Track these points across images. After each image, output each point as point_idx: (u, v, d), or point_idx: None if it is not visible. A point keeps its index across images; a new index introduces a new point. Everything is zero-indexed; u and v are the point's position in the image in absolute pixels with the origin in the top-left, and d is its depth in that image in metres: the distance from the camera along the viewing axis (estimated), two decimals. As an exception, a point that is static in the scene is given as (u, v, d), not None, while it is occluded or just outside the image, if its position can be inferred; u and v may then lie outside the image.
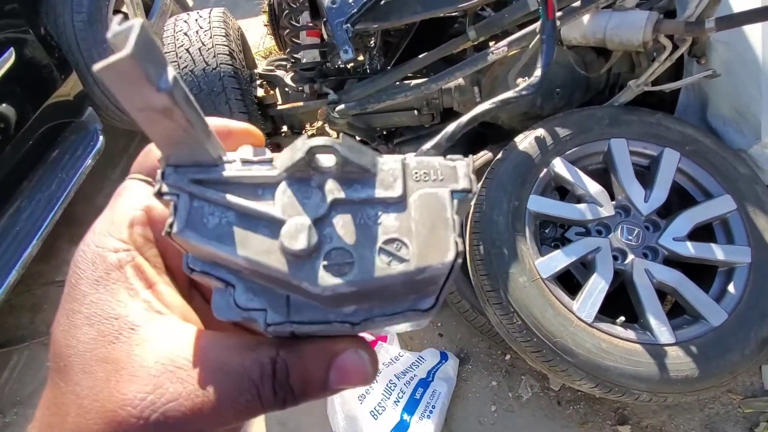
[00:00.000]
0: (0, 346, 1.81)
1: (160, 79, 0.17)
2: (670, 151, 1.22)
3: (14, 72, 1.66)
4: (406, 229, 0.20)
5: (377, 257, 0.20)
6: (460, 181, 0.21)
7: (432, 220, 0.20)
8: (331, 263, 0.19)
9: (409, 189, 0.21)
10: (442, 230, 0.20)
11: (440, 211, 0.20)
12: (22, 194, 1.75)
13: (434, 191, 0.21)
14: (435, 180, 0.21)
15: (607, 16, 1.16)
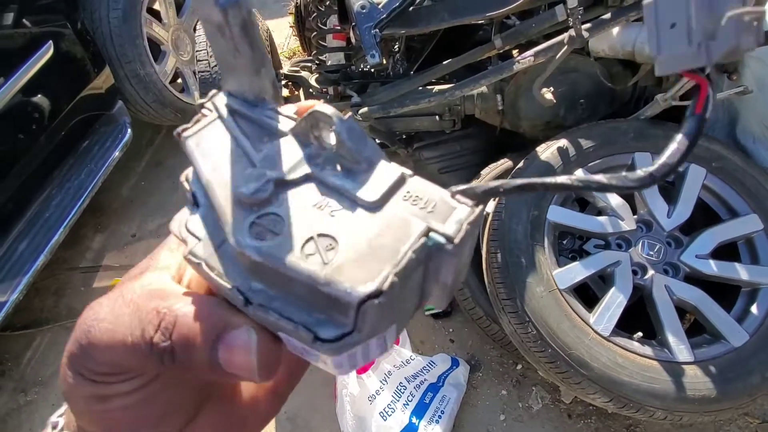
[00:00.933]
0: (24, 327, 1.87)
1: None
2: (695, 167, 1.21)
3: (51, 64, 1.73)
4: (351, 235, 0.17)
5: (302, 244, 0.17)
6: (447, 225, 0.18)
7: (382, 244, 0.17)
8: (260, 224, 0.18)
9: (390, 203, 0.18)
10: (383, 259, 0.17)
11: (399, 239, 0.17)
12: (53, 182, 1.81)
13: (409, 218, 0.18)
14: (422, 209, 0.18)
15: (637, 29, 1.15)
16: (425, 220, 0.18)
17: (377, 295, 0.16)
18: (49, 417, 0.24)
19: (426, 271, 0.18)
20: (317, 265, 0.17)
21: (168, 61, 2.30)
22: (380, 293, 0.16)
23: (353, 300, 0.16)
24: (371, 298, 0.16)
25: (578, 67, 1.45)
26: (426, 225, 0.18)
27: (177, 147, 2.08)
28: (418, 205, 0.18)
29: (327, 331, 0.17)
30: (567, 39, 1.11)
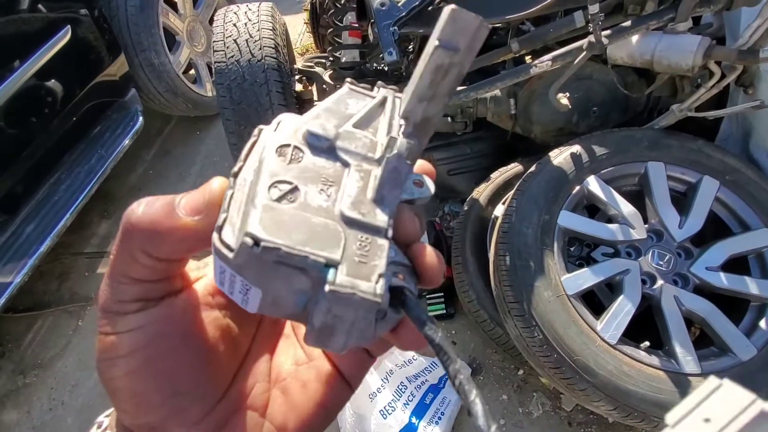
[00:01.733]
0: (26, 309, 1.88)
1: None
2: (709, 179, 1.20)
3: (68, 49, 1.74)
4: (314, 211, 0.19)
5: (269, 190, 0.18)
6: (346, 277, 0.17)
7: (317, 233, 0.18)
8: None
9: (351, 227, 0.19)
10: (299, 237, 0.18)
11: (323, 246, 0.18)
12: (63, 166, 1.82)
13: (342, 238, 0.18)
14: (360, 248, 0.18)
15: (657, 38, 1.15)
16: (345, 255, 0.18)
17: (257, 243, 0.17)
18: (96, 417, 0.25)
19: (310, 293, 0.19)
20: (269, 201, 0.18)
21: (182, 51, 2.31)
22: (258, 242, 0.17)
23: (245, 230, 0.17)
24: (254, 242, 0.17)
25: (593, 74, 1.45)
26: (338, 256, 0.18)
27: (186, 137, 2.08)
28: (363, 246, 0.18)
29: (228, 236, 0.18)
30: (586, 45, 1.11)
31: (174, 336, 0.22)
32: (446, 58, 0.19)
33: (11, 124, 1.59)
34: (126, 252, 0.20)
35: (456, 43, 0.19)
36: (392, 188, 0.20)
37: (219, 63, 1.46)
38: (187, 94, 2.24)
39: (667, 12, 1.10)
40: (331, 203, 0.19)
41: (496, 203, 1.51)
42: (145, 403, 0.22)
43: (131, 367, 0.21)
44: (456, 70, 0.19)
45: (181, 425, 0.22)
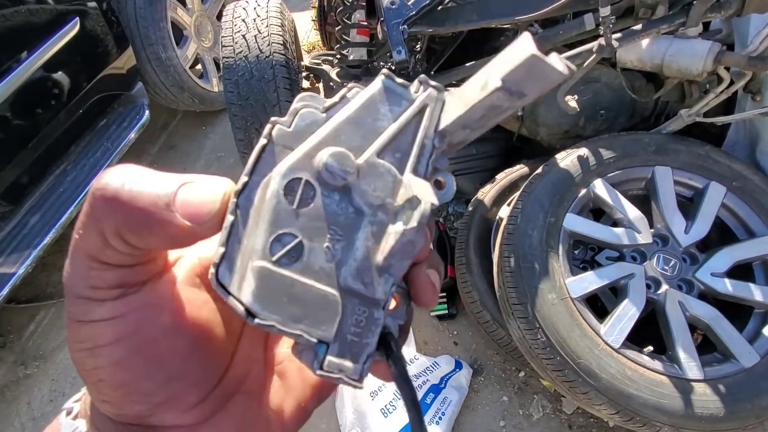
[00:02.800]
0: (29, 300, 1.88)
1: None
2: (716, 184, 1.20)
3: (77, 41, 1.74)
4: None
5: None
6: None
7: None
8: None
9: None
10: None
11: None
12: (69, 158, 1.82)
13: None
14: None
15: (667, 43, 1.15)
16: (339, 333, 0.18)
17: (252, 315, 0.17)
18: (64, 403, 0.23)
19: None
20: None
21: (189, 46, 2.31)
22: (253, 316, 0.17)
23: (240, 297, 0.17)
24: (248, 314, 0.17)
25: (602, 78, 1.45)
26: (332, 335, 0.17)
27: (191, 132, 2.08)
28: (359, 322, 0.18)
29: (224, 278, 0.18)
30: (596, 48, 1.10)
31: (162, 321, 0.20)
32: (506, 101, 0.17)
33: (18, 114, 1.59)
34: (95, 232, 0.17)
35: (522, 90, 0.17)
36: (402, 259, 0.18)
37: (227, 58, 1.46)
38: (193, 88, 2.24)
39: (678, 16, 1.10)
40: (334, 266, 0.18)
41: (500, 204, 1.51)
42: (134, 392, 0.19)
43: (117, 357, 0.19)
44: (506, 113, 0.18)
45: (174, 411, 0.21)
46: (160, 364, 0.20)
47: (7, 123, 1.56)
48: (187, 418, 0.21)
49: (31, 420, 1.57)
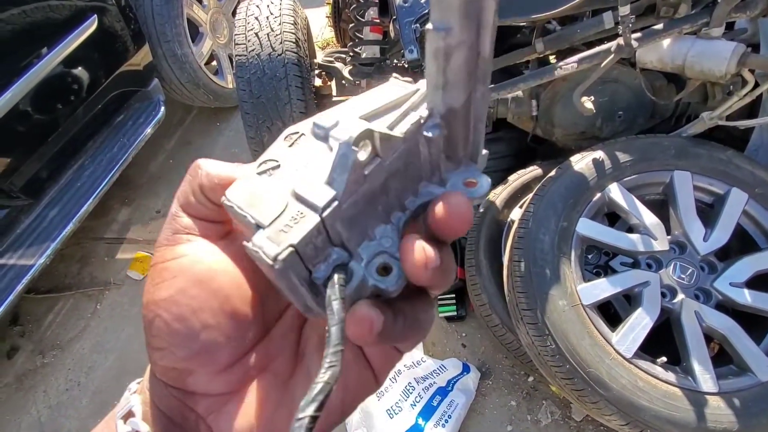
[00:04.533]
0: (47, 291, 1.93)
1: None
2: (737, 191, 1.16)
3: (94, 38, 1.77)
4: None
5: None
6: (272, 245, 0.19)
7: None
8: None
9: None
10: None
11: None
12: (86, 153, 1.86)
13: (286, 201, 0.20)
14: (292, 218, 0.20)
15: (689, 43, 1.11)
16: (275, 222, 0.20)
17: (226, 200, 0.21)
18: (111, 400, 0.26)
19: None
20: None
21: (205, 43, 2.33)
22: (227, 201, 0.21)
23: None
24: (226, 200, 0.21)
25: (620, 78, 1.41)
26: (267, 221, 0.20)
27: (206, 128, 2.10)
28: (294, 219, 0.20)
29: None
30: (615, 47, 1.07)
31: (214, 268, 0.23)
32: (440, 40, 0.18)
33: (38, 110, 1.63)
34: (187, 185, 0.24)
35: (447, 23, 0.17)
36: (339, 173, 0.20)
37: (240, 56, 1.47)
38: (208, 85, 2.26)
39: (701, 16, 1.06)
40: (295, 180, 0.21)
41: (512, 206, 1.49)
42: (181, 331, 0.22)
43: (175, 287, 0.22)
44: (462, 52, 0.18)
45: (207, 369, 0.23)
46: (206, 304, 0.23)
47: (28, 118, 1.60)
48: (218, 385, 0.23)
49: (47, 408, 1.62)
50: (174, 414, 0.24)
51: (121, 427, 0.23)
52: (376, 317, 0.19)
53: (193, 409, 0.24)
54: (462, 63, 0.19)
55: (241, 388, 0.24)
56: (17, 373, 1.73)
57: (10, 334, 1.84)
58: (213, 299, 0.23)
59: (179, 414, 0.24)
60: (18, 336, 1.83)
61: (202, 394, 0.24)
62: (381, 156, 0.20)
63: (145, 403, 0.24)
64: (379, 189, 0.21)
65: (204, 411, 0.24)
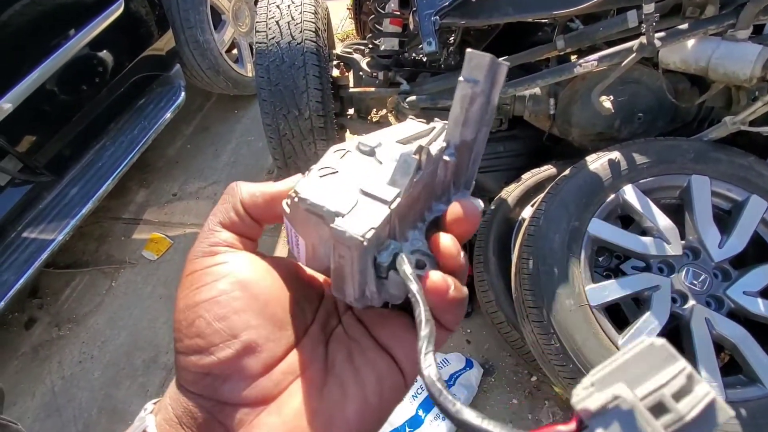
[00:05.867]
0: (66, 266, 2.00)
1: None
2: (757, 198, 1.13)
3: (120, 22, 1.81)
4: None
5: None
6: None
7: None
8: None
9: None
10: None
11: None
12: (108, 134, 1.90)
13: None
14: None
15: (714, 45, 1.08)
16: (351, 212, 0.23)
17: (294, 196, 0.24)
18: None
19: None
20: None
21: (226, 30, 2.36)
22: (296, 195, 0.23)
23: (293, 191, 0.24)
24: (296, 196, 0.24)
25: (641, 79, 1.38)
26: (345, 211, 0.23)
27: (224, 115, 2.13)
28: (368, 209, 0.23)
29: (287, 200, 0.25)
30: (637, 46, 1.05)
31: (254, 275, 0.25)
32: (468, 89, 0.24)
33: (64, 90, 1.67)
34: (226, 203, 0.26)
35: (475, 77, 0.24)
36: (403, 175, 0.24)
37: (260, 44, 1.48)
38: (228, 72, 2.29)
39: (728, 17, 1.03)
40: (358, 182, 0.24)
41: (524, 205, 1.48)
42: (224, 331, 0.23)
43: (218, 289, 0.23)
44: (481, 99, 0.24)
45: (244, 374, 0.23)
46: (247, 306, 0.24)
47: (54, 97, 1.65)
48: (252, 393, 0.23)
49: (60, 378, 1.68)
50: (201, 429, 0.23)
51: None
52: (450, 280, 0.22)
53: (223, 422, 0.23)
54: (479, 108, 0.24)
55: (275, 397, 0.23)
56: (33, 344, 1.79)
57: (29, 305, 1.90)
58: (254, 302, 0.24)
59: (207, 429, 0.23)
60: (36, 308, 1.90)
61: (235, 404, 0.23)
62: (422, 169, 0.24)
63: (167, 420, 0.23)
64: (415, 197, 0.25)
65: (234, 424, 0.23)
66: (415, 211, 0.25)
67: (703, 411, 0.16)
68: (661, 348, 0.17)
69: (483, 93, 0.24)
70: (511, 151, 1.70)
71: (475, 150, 0.26)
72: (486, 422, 0.17)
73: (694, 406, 0.16)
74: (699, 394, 0.16)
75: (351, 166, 0.25)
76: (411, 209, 0.25)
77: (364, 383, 0.24)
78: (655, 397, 0.16)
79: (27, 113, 1.54)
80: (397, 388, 0.25)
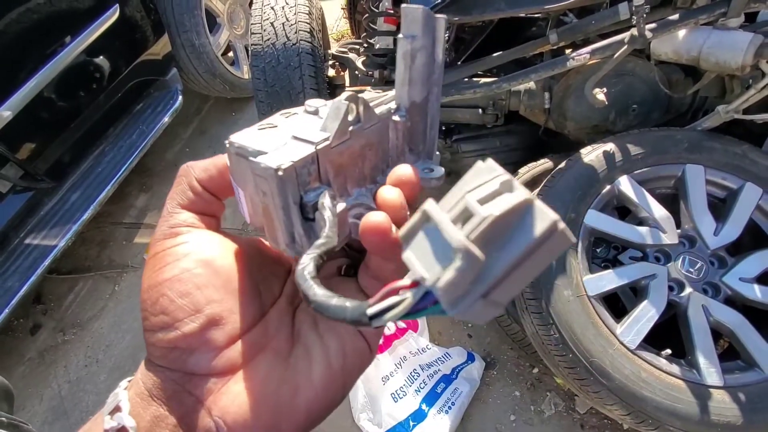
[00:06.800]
0: (69, 272, 2.01)
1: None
2: (752, 186, 1.14)
3: (116, 27, 1.82)
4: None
5: None
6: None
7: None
8: None
9: None
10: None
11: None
12: (107, 139, 1.91)
13: None
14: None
15: (705, 34, 1.09)
16: (274, 150, 0.23)
17: (230, 145, 0.24)
18: (126, 377, 0.26)
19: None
20: None
21: (222, 33, 2.37)
22: (231, 144, 0.24)
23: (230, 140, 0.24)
24: (230, 143, 0.24)
25: (635, 71, 1.39)
26: (268, 150, 0.22)
27: (221, 117, 2.13)
28: (291, 147, 0.23)
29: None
30: (628, 38, 1.06)
31: (215, 251, 0.25)
32: (407, 45, 0.23)
33: (62, 97, 1.69)
34: (182, 184, 0.26)
35: (413, 32, 0.23)
36: (333, 120, 0.23)
37: (255, 45, 1.49)
38: (224, 75, 2.30)
39: (719, 6, 1.04)
40: (289, 133, 0.24)
41: (522, 199, 1.48)
42: (187, 306, 0.23)
43: (179, 268, 0.24)
44: (422, 55, 0.24)
45: (210, 346, 0.23)
46: (211, 281, 0.24)
47: (52, 104, 1.66)
48: (219, 363, 0.23)
49: (66, 383, 1.69)
50: (171, 400, 0.23)
51: (108, 422, 0.23)
52: (386, 220, 0.22)
53: (192, 392, 0.23)
54: (422, 64, 0.24)
55: (242, 366, 0.24)
56: (39, 349, 1.80)
57: (33, 312, 1.92)
58: (216, 277, 0.24)
59: (176, 400, 0.23)
60: (41, 314, 1.91)
61: (203, 374, 0.23)
62: (362, 121, 0.24)
63: (138, 394, 0.24)
64: (358, 153, 0.25)
65: (203, 393, 0.23)
66: (360, 168, 0.25)
67: (513, 213, 0.15)
68: (487, 165, 0.18)
69: (424, 48, 0.23)
70: (507, 146, 1.71)
71: (430, 113, 0.26)
72: (336, 299, 0.18)
73: (501, 207, 0.15)
74: (509, 198, 0.16)
75: (292, 122, 0.25)
76: (354, 165, 0.24)
77: (328, 348, 0.25)
78: (460, 206, 0.16)
79: (26, 120, 1.55)
80: (359, 351, 0.26)
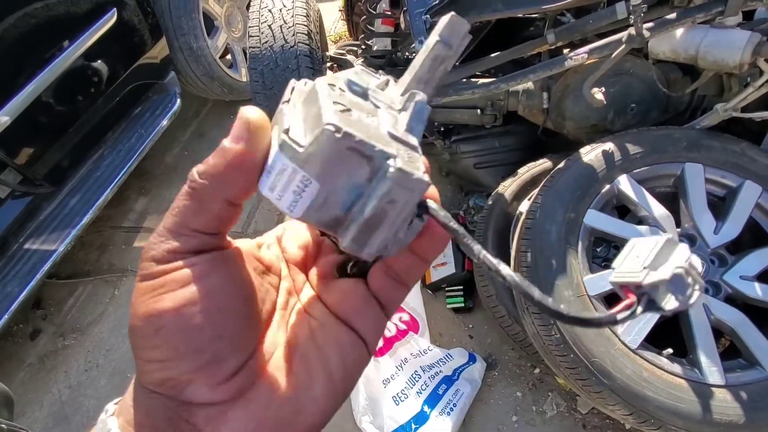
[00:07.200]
0: (68, 277, 2.01)
1: None
2: (751, 184, 1.14)
3: (114, 31, 1.82)
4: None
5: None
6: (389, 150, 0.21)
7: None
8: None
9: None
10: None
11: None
12: (105, 143, 1.91)
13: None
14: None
15: (703, 32, 1.09)
16: (399, 155, 0.20)
17: (338, 130, 0.19)
18: (128, 381, 0.25)
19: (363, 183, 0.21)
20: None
21: (220, 36, 2.37)
22: (339, 130, 0.19)
23: (323, 123, 0.19)
24: (335, 129, 0.19)
25: (633, 70, 1.39)
26: (396, 153, 0.20)
27: (220, 120, 2.14)
28: (407, 153, 0.21)
29: (297, 134, 0.20)
30: (626, 37, 1.06)
31: (219, 280, 0.22)
32: (443, 51, 0.25)
33: (60, 101, 1.68)
34: (196, 202, 0.22)
35: (451, 41, 0.25)
36: (417, 123, 0.23)
37: (253, 48, 1.49)
38: (223, 78, 2.30)
39: (717, 5, 1.04)
40: (377, 125, 0.22)
41: (521, 199, 1.49)
42: (190, 344, 0.21)
43: (182, 298, 0.21)
44: (448, 63, 0.25)
45: (208, 381, 0.22)
46: (212, 317, 0.22)
47: (50, 109, 1.66)
48: (218, 394, 0.22)
49: (67, 388, 1.69)
50: (166, 428, 0.22)
51: None
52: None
53: (189, 421, 0.22)
54: (444, 71, 0.25)
55: (242, 394, 0.23)
56: (39, 354, 1.80)
57: (33, 317, 1.91)
58: (220, 312, 0.22)
59: (173, 429, 0.22)
60: (40, 319, 1.91)
61: (201, 404, 0.22)
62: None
63: (129, 422, 0.22)
64: None
65: (202, 421, 0.22)
66: None
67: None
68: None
69: (452, 58, 0.25)
70: (506, 147, 1.71)
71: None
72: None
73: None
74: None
75: (354, 104, 0.22)
76: None
77: (328, 360, 0.25)
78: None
79: (25, 125, 1.54)
80: (359, 357, 0.26)
